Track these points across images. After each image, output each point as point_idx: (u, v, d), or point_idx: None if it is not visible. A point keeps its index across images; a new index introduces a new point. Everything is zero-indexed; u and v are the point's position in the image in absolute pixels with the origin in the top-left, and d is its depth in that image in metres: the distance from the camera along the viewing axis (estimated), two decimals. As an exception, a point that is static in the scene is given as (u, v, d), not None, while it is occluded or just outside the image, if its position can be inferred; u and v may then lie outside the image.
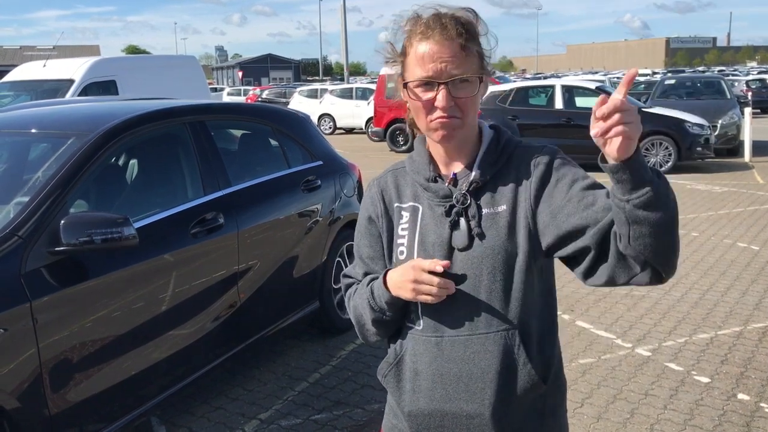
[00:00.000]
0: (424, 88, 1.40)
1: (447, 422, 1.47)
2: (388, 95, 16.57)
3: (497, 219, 1.43)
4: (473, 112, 1.44)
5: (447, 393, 1.46)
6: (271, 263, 4.05)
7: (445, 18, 1.40)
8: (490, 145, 1.49)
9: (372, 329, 1.55)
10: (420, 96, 1.41)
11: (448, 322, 1.45)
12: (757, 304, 5.24)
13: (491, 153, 1.48)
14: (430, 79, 1.38)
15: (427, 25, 1.40)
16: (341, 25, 39.22)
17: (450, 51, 1.37)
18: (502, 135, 1.52)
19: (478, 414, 1.44)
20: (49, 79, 9.43)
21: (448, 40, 1.37)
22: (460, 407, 1.45)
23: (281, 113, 4.84)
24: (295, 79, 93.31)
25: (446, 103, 1.38)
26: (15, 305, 2.58)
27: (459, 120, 1.41)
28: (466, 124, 1.43)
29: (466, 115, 1.42)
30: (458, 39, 1.38)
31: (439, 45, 1.38)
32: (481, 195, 1.46)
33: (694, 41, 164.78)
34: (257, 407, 3.80)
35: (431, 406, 1.48)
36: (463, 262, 1.43)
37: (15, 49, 51.40)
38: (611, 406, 3.71)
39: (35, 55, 22.49)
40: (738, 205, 9.04)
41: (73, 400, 2.82)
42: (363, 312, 1.54)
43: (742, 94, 21.62)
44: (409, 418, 1.52)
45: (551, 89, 12.96)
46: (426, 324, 1.48)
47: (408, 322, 1.52)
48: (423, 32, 1.40)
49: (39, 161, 3.35)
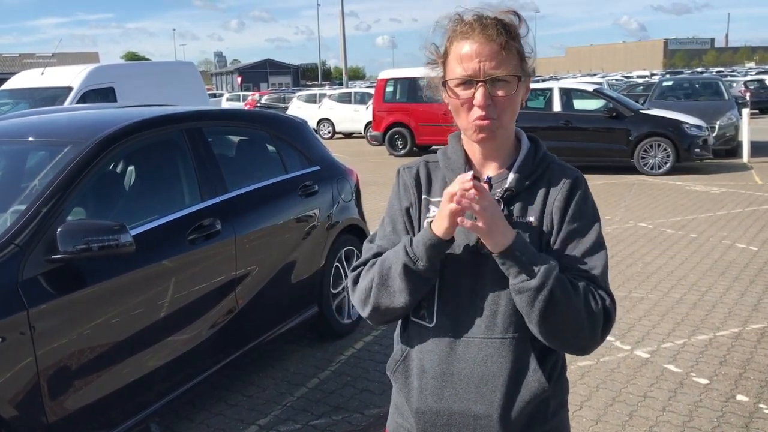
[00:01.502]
0: (464, 87, 1.43)
1: (454, 421, 1.49)
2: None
3: (525, 229, 1.46)
4: (511, 112, 1.46)
5: (456, 392, 1.48)
6: (269, 269, 4.05)
7: (486, 19, 1.43)
8: (528, 155, 1.52)
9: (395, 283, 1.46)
10: (459, 94, 1.44)
11: (465, 323, 1.47)
12: (756, 305, 5.24)
13: (528, 163, 1.51)
14: (468, 78, 1.42)
15: (468, 25, 1.43)
16: (340, 30, 39.29)
17: (489, 50, 1.41)
18: (539, 147, 1.55)
19: (486, 415, 1.46)
20: (48, 86, 9.45)
21: (487, 39, 1.41)
22: (468, 407, 1.48)
23: (278, 119, 4.85)
24: (294, 84, 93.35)
25: (484, 101, 1.41)
26: (12, 313, 2.59)
27: (497, 122, 1.44)
28: (504, 126, 1.46)
29: (504, 116, 1.45)
30: (498, 39, 1.41)
31: (479, 44, 1.41)
32: (514, 203, 1.48)
33: (692, 42, 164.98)
34: (256, 413, 3.80)
35: (439, 404, 1.50)
36: (487, 265, 1.45)
37: (14, 57, 51.48)
38: (610, 408, 3.71)
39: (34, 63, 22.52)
40: (736, 206, 9.04)
41: (72, 407, 2.82)
42: (392, 263, 1.46)
43: (740, 94, 21.62)
44: (416, 415, 1.53)
45: (549, 92, 12.98)
46: (440, 323, 1.50)
47: (416, 318, 1.53)
48: (464, 32, 1.43)
49: (36, 169, 3.35)
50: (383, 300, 1.49)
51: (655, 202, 9.53)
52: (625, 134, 12.20)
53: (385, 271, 1.48)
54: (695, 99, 15.34)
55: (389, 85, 17.00)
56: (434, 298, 1.50)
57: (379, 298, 1.49)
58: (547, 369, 1.49)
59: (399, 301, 1.47)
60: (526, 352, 1.46)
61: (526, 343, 1.46)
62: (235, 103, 33.82)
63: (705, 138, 12.12)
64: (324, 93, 26.17)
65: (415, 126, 16.35)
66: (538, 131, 12.39)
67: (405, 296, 1.46)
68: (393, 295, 1.47)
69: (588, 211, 1.50)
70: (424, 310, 1.52)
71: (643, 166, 12.06)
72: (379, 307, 1.50)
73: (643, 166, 12.06)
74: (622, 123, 12.24)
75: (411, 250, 1.43)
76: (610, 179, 11.75)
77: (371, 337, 4.85)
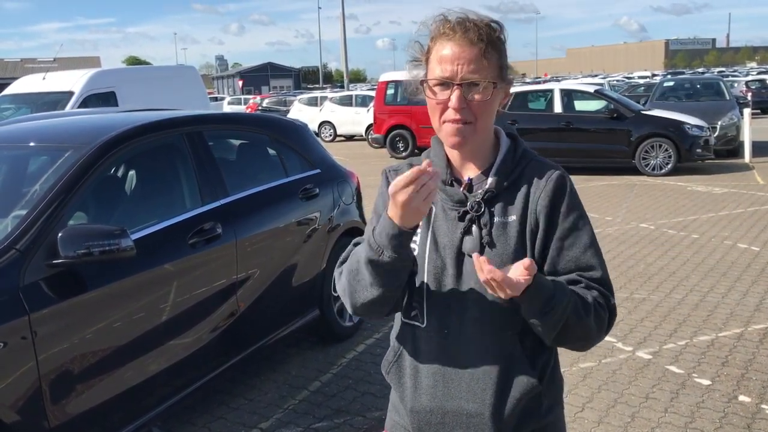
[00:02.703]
0: (441, 88, 1.45)
1: (448, 419, 1.51)
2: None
3: (507, 228, 1.48)
4: (487, 118, 1.47)
5: (448, 391, 1.50)
6: (270, 272, 4.05)
7: (469, 23, 1.44)
8: (507, 154, 1.53)
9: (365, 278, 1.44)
10: (436, 94, 1.46)
11: (453, 323, 1.49)
12: (758, 306, 5.23)
13: (507, 162, 1.52)
14: (445, 80, 1.43)
15: (451, 27, 1.45)
16: (340, 32, 39.33)
17: (468, 54, 1.42)
18: (519, 145, 1.56)
19: (478, 413, 1.48)
20: (49, 91, 9.48)
21: (468, 43, 1.42)
22: (460, 405, 1.50)
23: (278, 122, 4.85)
24: (296, 87, 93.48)
25: (458, 104, 1.42)
26: (14, 318, 2.59)
27: (471, 126, 1.45)
28: (478, 130, 1.47)
29: (479, 120, 1.45)
30: (479, 44, 1.42)
31: (460, 47, 1.42)
32: (494, 203, 1.50)
33: (694, 43, 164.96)
34: (258, 416, 3.80)
35: (433, 403, 1.52)
36: (471, 266, 1.45)
37: (16, 62, 51.52)
38: (612, 410, 3.71)
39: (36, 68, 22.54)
40: (738, 206, 9.03)
41: (73, 412, 2.82)
42: (360, 256, 1.45)
43: (741, 94, 21.60)
44: (411, 414, 1.55)
45: (550, 93, 12.98)
46: (430, 323, 1.51)
47: (408, 319, 1.55)
48: (446, 33, 1.45)
49: (37, 174, 3.36)
50: (359, 294, 1.47)
51: (657, 203, 9.52)
52: (626, 135, 12.19)
53: (354, 265, 1.47)
54: (696, 99, 15.31)
55: (390, 88, 17.00)
56: (423, 299, 1.51)
57: (355, 292, 1.48)
58: (538, 367, 1.51)
59: (372, 294, 1.44)
60: (516, 350, 1.48)
61: (516, 341, 1.48)
62: (236, 107, 33.84)
63: (706, 138, 12.10)
64: (325, 96, 26.20)
65: (416, 128, 16.35)
66: (540, 132, 12.41)
67: (376, 289, 1.43)
68: (365, 288, 1.45)
69: (579, 208, 1.51)
70: (416, 311, 1.53)
71: (645, 167, 12.04)
72: (356, 301, 1.49)
73: (645, 166, 12.05)
74: (623, 124, 12.23)
75: (374, 242, 1.40)
76: (612, 180, 11.74)
77: (373, 339, 4.85)
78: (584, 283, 1.47)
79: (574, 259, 1.48)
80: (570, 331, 1.42)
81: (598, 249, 1.51)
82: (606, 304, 1.48)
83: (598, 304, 1.46)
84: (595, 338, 1.48)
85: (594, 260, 1.49)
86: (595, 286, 1.47)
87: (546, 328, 1.41)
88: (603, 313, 1.46)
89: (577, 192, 1.54)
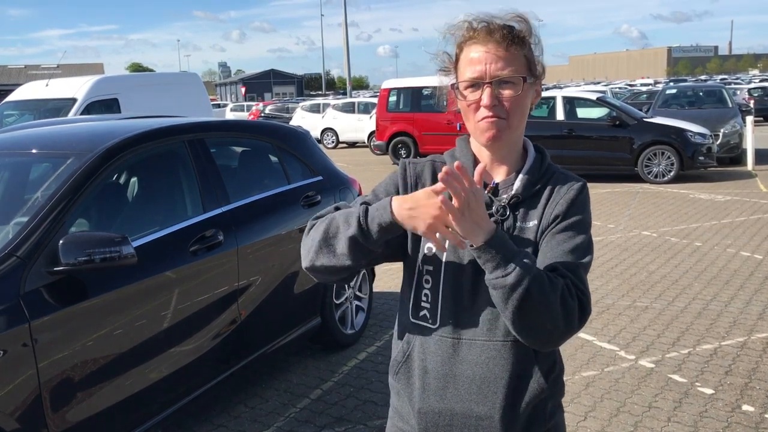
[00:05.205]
0: (472, 90, 1.48)
1: (456, 422, 1.52)
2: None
3: (527, 234, 1.50)
4: (519, 114, 1.49)
5: (458, 393, 1.50)
6: (272, 279, 4.05)
7: (493, 24, 1.48)
8: (535, 162, 1.55)
9: (339, 246, 1.45)
10: (467, 96, 1.49)
11: (467, 325, 1.49)
12: (761, 314, 5.21)
13: (535, 171, 1.54)
14: (475, 80, 1.47)
15: (475, 30, 1.49)
16: (342, 39, 39.41)
17: (495, 53, 1.46)
18: (545, 157, 1.59)
19: (488, 416, 1.49)
20: (52, 98, 9.51)
21: (493, 43, 1.46)
22: (470, 408, 1.50)
23: (280, 129, 4.85)
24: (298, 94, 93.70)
25: (490, 101, 1.45)
26: (14, 326, 2.58)
27: (504, 121, 1.47)
28: (511, 127, 1.49)
29: (512, 117, 1.48)
30: (503, 42, 1.46)
31: (486, 48, 1.46)
32: (518, 209, 1.51)
33: (696, 50, 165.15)
34: (259, 424, 3.79)
35: (441, 404, 1.52)
36: None
37: (19, 69, 51.73)
38: (615, 419, 3.69)
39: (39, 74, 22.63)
40: (741, 214, 9.01)
41: (74, 420, 2.81)
42: (341, 225, 1.46)
43: (744, 102, 21.60)
44: (419, 415, 1.55)
45: (552, 100, 12.99)
46: (442, 324, 1.51)
47: (417, 319, 1.55)
48: (471, 37, 1.49)
49: (39, 181, 3.36)
50: (324, 257, 1.49)
51: (659, 211, 9.50)
52: (628, 142, 12.19)
53: (333, 231, 1.47)
54: (699, 107, 15.32)
55: (392, 95, 17.03)
56: (438, 300, 1.51)
57: (320, 254, 1.49)
58: (545, 370, 1.51)
59: (339, 262, 1.47)
60: (527, 355, 1.49)
61: (528, 346, 1.47)
62: (239, 114, 33.92)
63: (709, 146, 12.09)
64: (328, 103, 26.25)
65: (419, 135, 16.36)
66: (542, 140, 12.40)
67: (346, 260, 1.45)
68: (334, 255, 1.47)
69: (584, 214, 1.51)
70: (425, 311, 1.53)
71: (647, 175, 12.03)
72: (317, 261, 1.50)
73: (647, 174, 12.04)
74: (625, 131, 12.24)
75: (365, 225, 1.42)
76: (614, 188, 11.73)
77: (374, 347, 4.84)
78: (560, 271, 1.42)
79: (561, 254, 1.44)
80: (532, 305, 1.33)
81: (585, 255, 1.47)
82: (577, 295, 1.40)
83: (567, 289, 1.39)
84: (561, 325, 1.37)
85: (578, 262, 1.45)
86: (570, 276, 1.41)
87: (506, 291, 1.33)
88: (571, 300, 1.37)
89: (589, 204, 1.55)
